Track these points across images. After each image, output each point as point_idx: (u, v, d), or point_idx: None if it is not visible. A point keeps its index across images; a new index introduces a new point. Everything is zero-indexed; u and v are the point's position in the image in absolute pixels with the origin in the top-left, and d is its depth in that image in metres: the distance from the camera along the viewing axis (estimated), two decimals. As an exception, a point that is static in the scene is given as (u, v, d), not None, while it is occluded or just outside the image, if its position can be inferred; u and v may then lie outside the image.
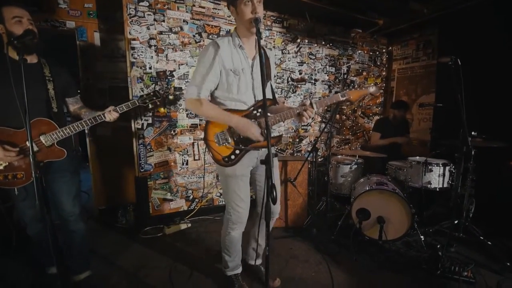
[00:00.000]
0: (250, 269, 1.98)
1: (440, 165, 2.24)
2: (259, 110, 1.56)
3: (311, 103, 1.44)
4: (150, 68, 2.65)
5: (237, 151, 1.58)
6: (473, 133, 2.24)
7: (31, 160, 1.33)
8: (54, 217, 1.93)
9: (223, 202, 3.13)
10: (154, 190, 2.83)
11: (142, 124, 2.69)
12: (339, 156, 3.31)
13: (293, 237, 2.58)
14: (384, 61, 4.04)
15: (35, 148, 1.60)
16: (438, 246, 2.14)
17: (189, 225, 2.84)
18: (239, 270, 1.86)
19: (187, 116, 2.87)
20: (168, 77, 2.74)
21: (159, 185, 2.85)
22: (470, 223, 2.36)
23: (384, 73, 4.06)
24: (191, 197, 3.02)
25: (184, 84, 2.82)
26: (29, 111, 1.59)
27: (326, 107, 3.49)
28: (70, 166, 1.78)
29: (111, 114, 1.72)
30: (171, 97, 2.77)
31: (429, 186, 2.25)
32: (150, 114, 2.71)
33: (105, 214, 3.04)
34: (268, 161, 1.16)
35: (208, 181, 3.07)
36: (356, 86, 3.86)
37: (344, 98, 1.57)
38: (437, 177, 2.25)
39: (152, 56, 2.65)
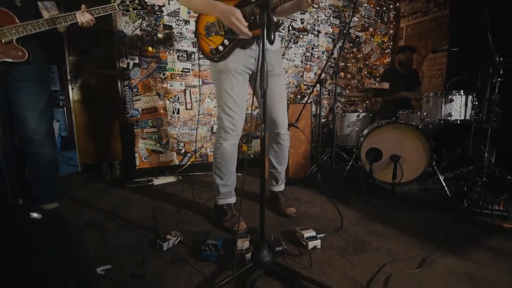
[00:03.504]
0: (270, 198, 1.82)
1: (462, 93, 1.97)
2: None
3: None
4: (136, 0, 2.40)
5: (226, 42, 1.38)
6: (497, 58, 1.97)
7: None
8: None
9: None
10: (142, 140, 2.58)
11: (128, 63, 2.44)
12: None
13: (295, 185, 2.31)
14: (392, 18, 3.78)
15: (-11, 41, 1.36)
16: (462, 182, 1.87)
17: (180, 177, 2.58)
18: (233, 200, 1.60)
19: (178, 59, 2.61)
20: (157, 13, 2.48)
21: (147, 134, 2.59)
22: (495, 165, 2.09)
23: (391, 31, 3.80)
24: (183, 150, 2.75)
25: (175, 22, 2.57)
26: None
27: None
28: (37, 76, 1.54)
29: (83, 16, 1.48)
30: (160, 35, 2.52)
31: (449, 118, 1.98)
32: (137, 52, 2.46)
33: (89, 170, 2.79)
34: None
35: (201, 134, 2.81)
36: (362, 42, 3.60)
37: None
38: (458, 107, 1.98)
39: (138, -13, 2.40)
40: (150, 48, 2.50)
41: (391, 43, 3.82)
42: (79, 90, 2.74)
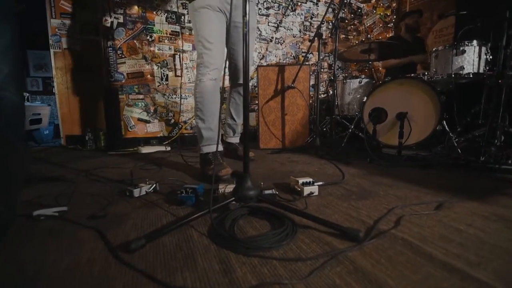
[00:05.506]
0: (228, 149, 1.87)
1: (475, 44, 1.78)
2: None
3: None
4: (120, -47, 2.23)
5: None
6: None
7: None
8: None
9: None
10: (127, 107, 2.39)
11: (112, 22, 2.26)
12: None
13: (292, 152, 2.13)
14: (395, -9, 3.60)
15: None
16: (477, 139, 1.68)
17: (168, 148, 2.40)
18: (219, 148, 1.41)
19: (166, 21, 2.43)
20: (143, -32, 2.31)
21: (133, 101, 2.41)
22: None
23: (394, 5, 3.62)
24: (172, 121, 2.57)
25: (163, -21, 2.39)
26: None
27: None
28: None
29: None
30: (146, -7, 2.34)
31: (461, 72, 1.79)
32: (122, 11, 2.28)
33: (73, 141, 2.60)
34: None
35: (192, 104, 2.62)
36: (364, 14, 3.41)
37: None
38: (471, 60, 1.78)
39: None
40: (136, 7, 2.31)
41: (394, 17, 3.63)
42: (61, 56, 2.55)
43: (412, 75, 2.23)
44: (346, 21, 3.30)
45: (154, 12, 2.38)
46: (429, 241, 0.72)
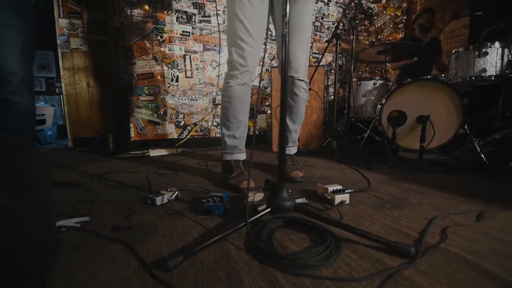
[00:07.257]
0: None
1: (497, 45, 1.73)
2: None
3: None
4: (131, -49, 2.18)
5: None
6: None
7: None
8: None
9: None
10: (137, 109, 2.34)
11: (122, 22, 2.21)
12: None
13: (307, 156, 2.07)
14: (405, -9, 3.56)
15: None
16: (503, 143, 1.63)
17: (180, 150, 2.35)
18: (242, 157, 1.36)
19: (177, 21, 2.38)
20: (154, -33, 2.26)
21: (143, 102, 2.36)
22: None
23: (405, 5, 3.57)
24: (182, 122, 2.52)
25: (174, -22, 2.34)
26: None
27: None
28: (15, 3, 1.28)
29: None
30: (157, -7, 2.30)
31: (483, 74, 1.74)
32: (132, 10, 2.23)
33: (81, 144, 2.55)
34: None
35: (202, 106, 2.58)
36: (374, 14, 3.37)
37: None
38: (493, 62, 1.73)
39: None
40: (146, 7, 2.26)
41: (405, 17, 3.59)
42: (69, 56, 2.50)
43: (429, 77, 2.18)
44: (357, 21, 3.25)
45: (165, 12, 2.33)
46: (483, 257, 0.68)
